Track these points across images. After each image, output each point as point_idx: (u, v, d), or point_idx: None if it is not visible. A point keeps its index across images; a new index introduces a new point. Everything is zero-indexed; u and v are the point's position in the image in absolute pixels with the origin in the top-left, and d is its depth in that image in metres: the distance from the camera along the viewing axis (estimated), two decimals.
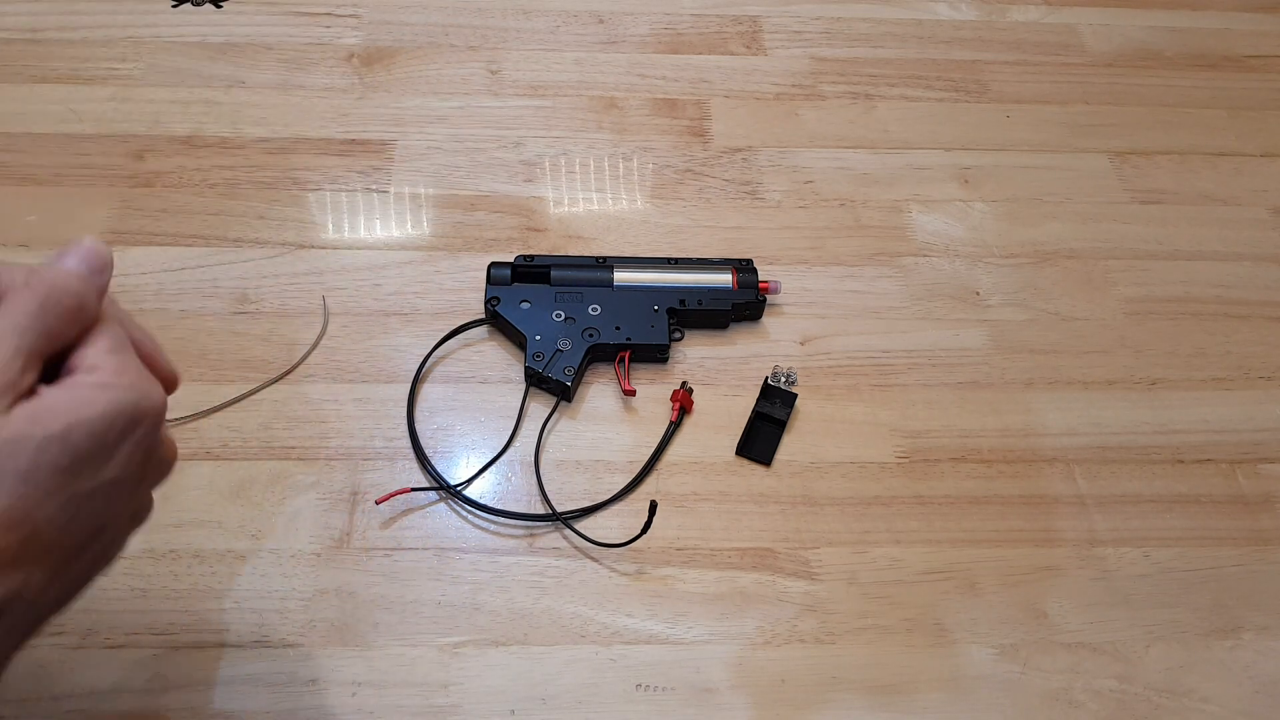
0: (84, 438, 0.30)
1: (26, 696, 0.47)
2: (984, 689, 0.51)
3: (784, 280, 0.64)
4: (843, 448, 0.59)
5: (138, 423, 0.32)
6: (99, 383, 0.31)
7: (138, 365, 0.34)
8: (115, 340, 0.34)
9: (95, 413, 0.30)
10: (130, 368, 0.33)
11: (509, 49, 0.78)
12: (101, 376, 0.32)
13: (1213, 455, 0.60)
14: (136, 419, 0.32)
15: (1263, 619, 0.54)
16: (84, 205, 0.66)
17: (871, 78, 0.78)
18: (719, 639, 0.51)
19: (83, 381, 0.31)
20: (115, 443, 0.31)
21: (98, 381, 0.31)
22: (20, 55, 0.73)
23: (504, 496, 0.56)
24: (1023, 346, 0.64)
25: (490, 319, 0.62)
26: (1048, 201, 0.72)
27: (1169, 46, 0.83)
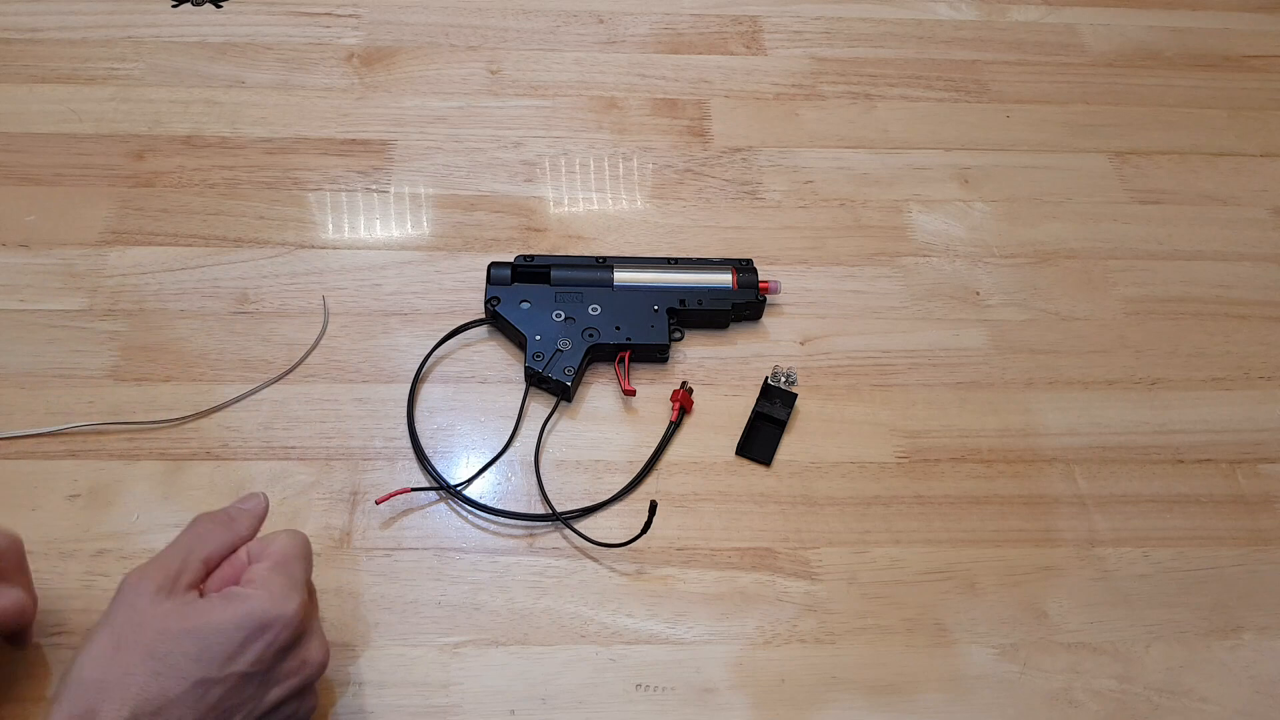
0: (214, 635, 0.39)
1: (26, 696, 0.47)
2: (984, 689, 0.51)
3: (784, 280, 0.64)
4: (843, 448, 0.59)
5: (267, 628, 0.39)
6: (240, 593, 0.40)
7: (284, 582, 0.41)
8: (274, 562, 0.42)
9: (227, 617, 0.39)
10: (274, 583, 0.41)
11: (509, 49, 0.78)
12: (246, 589, 0.40)
13: (1213, 455, 0.60)
14: (266, 625, 0.39)
15: (1263, 619, 0.54)
16: (84, 205, 0.66)
17: (871, 78, 0.78)
18: (719, 639, 0.51)
19: (231, 591, 0.41)
20: (245, 643, 0.39)
21: (239, 592, 0.40)
22: (20, 55, 0.73)
23: (504, 496, 0.56)
24: (1023, 346, 0.64)
25: (490, 319, 0.62)
26: (1048, 201, 0.72)
27: (1169, 46, 0.83)
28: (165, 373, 0.59)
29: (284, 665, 0.41)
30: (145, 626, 0.39)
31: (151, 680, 0.37)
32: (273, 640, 0.40)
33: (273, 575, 0.41)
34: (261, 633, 0.39)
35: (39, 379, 0.58)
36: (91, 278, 0.62)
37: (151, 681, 0.37)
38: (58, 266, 0.63)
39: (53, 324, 0.60)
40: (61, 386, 0.58)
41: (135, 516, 0.53)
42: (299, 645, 0.41)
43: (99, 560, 0.51)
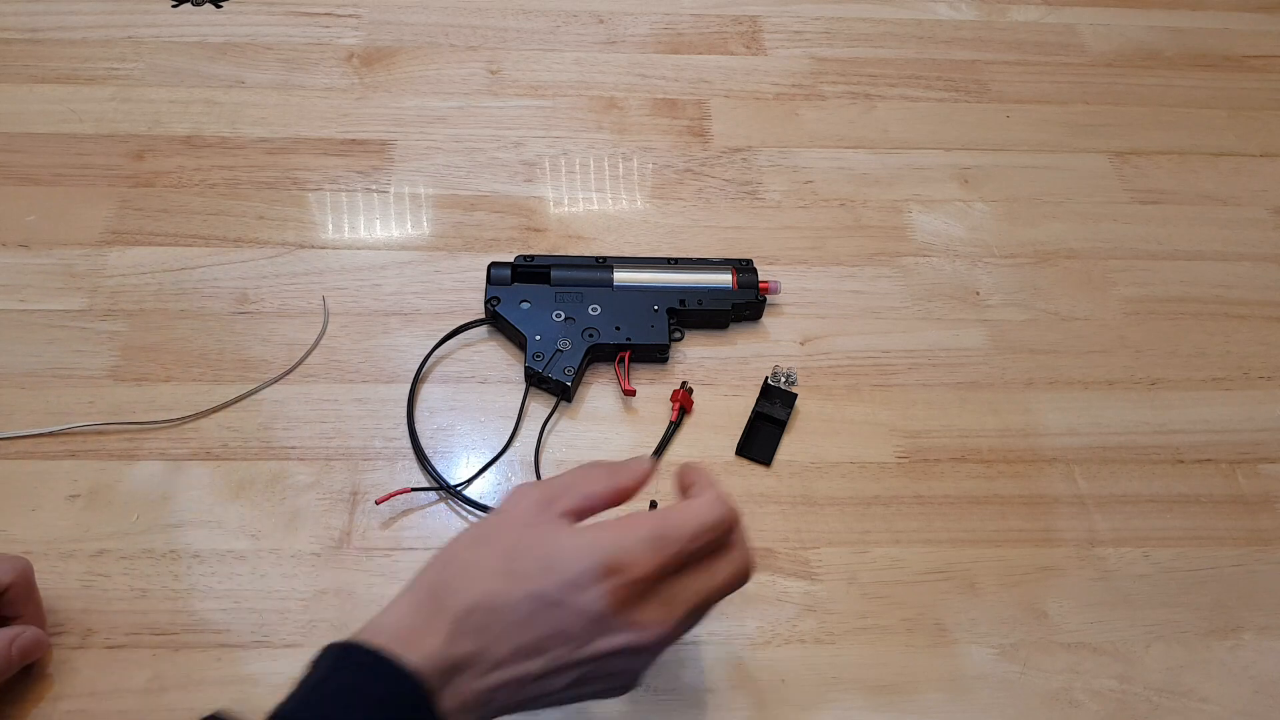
0: (565, 556, 0.37)
1: (26, 697, 0.47)
2: (984, 689, 0.51)
3: (784, 280, 0.64)
4: (843, 448, 0.59)
5: (617, 571, 0.37)
6: (606, 526, 0.38)
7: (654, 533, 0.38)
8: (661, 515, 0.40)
9: (583, 544, 0.38)
10: (643, 530, 0.38)
11: (509, 49, 0.78)
12: (614, 525, 0.38)
13: (1213, 455, 0.60)
14: (616, 567, 0.37)
15: (1263, 619, 0.54)
16: (84, 205, 0.66)
17: (871, 78, 0.78)
18: (719, 639, 0.51)
19: (601, 523, 0.39)
20: (591, 575, 0.37)
21: (606, 524, 0.39)
22: (20, 55, 0.73)
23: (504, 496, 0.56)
24: (1023, 346, 0.64)
25: (490, 319, 0.62)
26: (1048, 201, 0.72)
27: (1169, 46, 0.83)
28: (165, 373, 0.59)
29: (623, 617, 0.37)
30: (511, 529, 0.39)
31: (495, 578, 0.37)
32: (619, 585, 0.37)
33: (647, 523, 0.38)
34: (609, 574, 0.37)
35: (39, 379, 0.58)
36: (91, 278, 0.62)
37: (495, 579, 0.37)
38: (58, 266, 0.63)
39: (53, 324, 0.60)
40: (61, 386, 0.58)
41: (135, 516, 0.53)
42: (645, 604, 0.38)
43: (99, 560, 0.51)
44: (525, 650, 0.37)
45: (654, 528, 0.38)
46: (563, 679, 0.38)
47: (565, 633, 0.37)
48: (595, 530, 0.38)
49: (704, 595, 0.39)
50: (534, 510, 0.40)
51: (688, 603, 0.39)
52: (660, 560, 0.38)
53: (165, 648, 0.49)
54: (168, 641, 0.49)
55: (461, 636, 0.37)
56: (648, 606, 0.38)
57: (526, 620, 0.37)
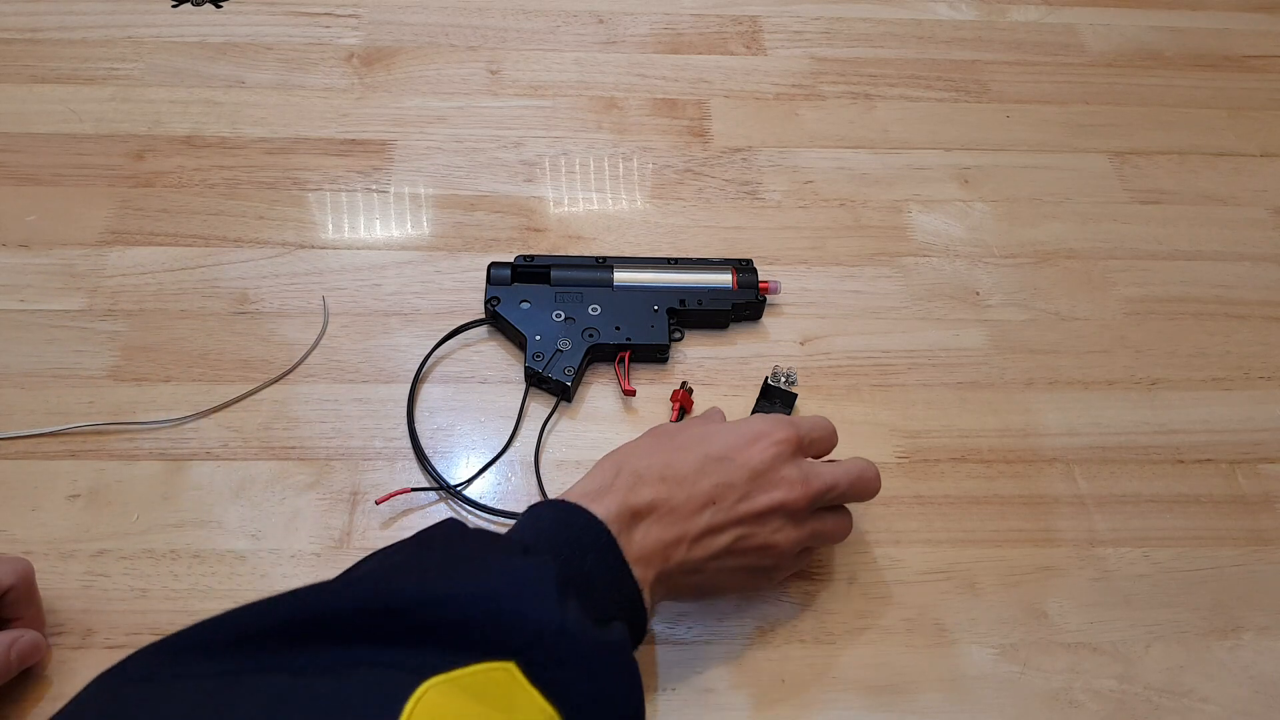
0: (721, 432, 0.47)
1: (27, 697, 0.47)
2: (984, 689, 0.51)
3: (784, 280, 0.64)
4: (843, 448, 0.58)
5: (763, 436, 0.47)
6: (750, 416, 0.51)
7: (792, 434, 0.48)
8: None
9: (731, 425, 0.49)
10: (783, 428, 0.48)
11: (509, 49, 0.78)
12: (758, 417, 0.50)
13: (1213, 455, 0.60)
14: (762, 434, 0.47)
15: (1263, 619, 0.54)
16: (84, 205, 0.66)
17: (871, 78, 0.78)
18: (719, 639, 0.51)
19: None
20: (747, 442, 0.47)
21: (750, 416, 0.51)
22: (20, 55, 0.73)
23: (504, 497, 0.56)
24: (1022, 346, 0.64)
25: (490, 319, 0.62)
26: (1048, 201, 0.72)
27: (1169, 46, 0.83)
28: (165, 373, 0.59)
29: (775, 473, 0.46)
30: (680, 428, 0.49)
31: (672, 451, 0.46)
32: (771, 444, 0.46)
33: (785, 418, 0.49)
34: (762, 437, 0.46)
35: (39, 379, 0.58)
36: (91, 278, 0.62)
37: (672, 452, 0.46)
38: (58, 266, 0.63)
39: (53, 324, 0.60)
40: (61, 386, 0.58)
41: (135, 516, 0.53)
42: (791, 464, 0.47)
43: (99, 560, 0.51)
44: (697, 500, 0.44)
45: (792, 420, 0.49)
46: (725, 538, 0.44)
47: (731, 484, 0.45)
48: (745, 419, 0.49)
49: (830, 485, 0.47)
50: (699, 419, 0.51)
51: (821, 480, 0.47)
52: (798, 435, 0.48)
53: None
54: None
55: (641, 487, 0.44)
56: (792, 466, 0.47)
57: (698, 473, 0.45)
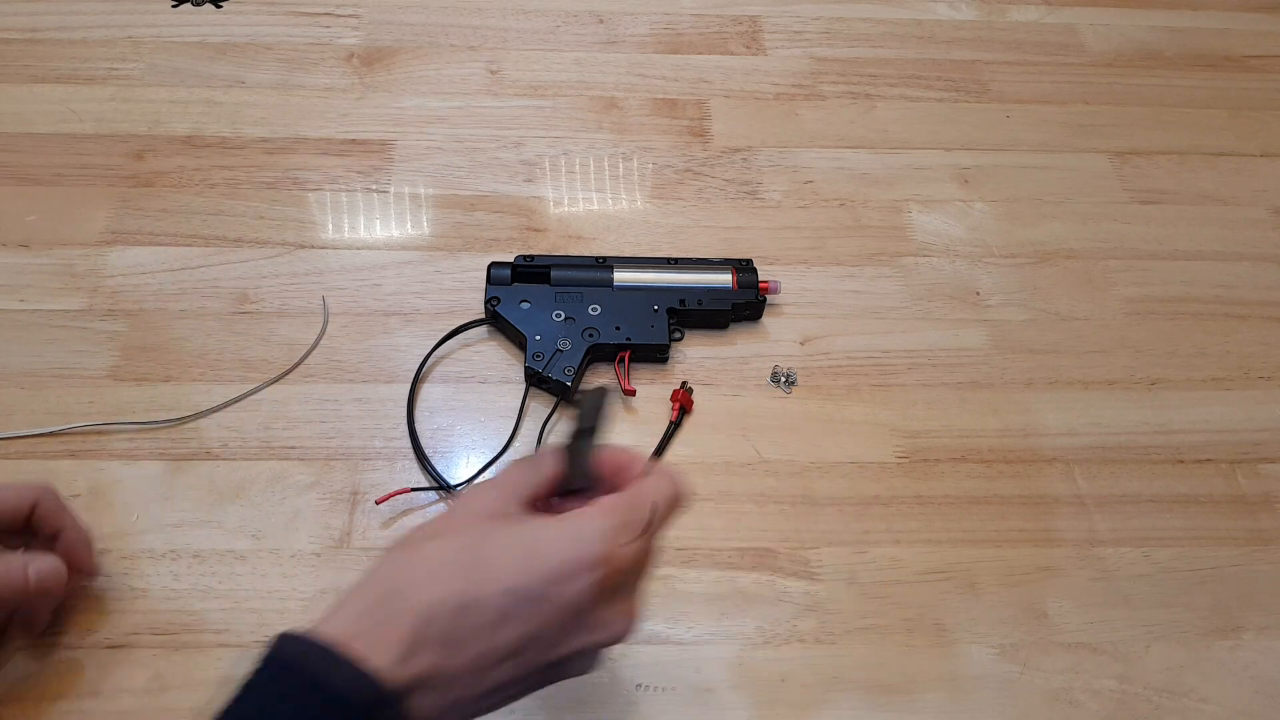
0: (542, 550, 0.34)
1: (26, 696, 0.47)
2: (984, 689, 0.51)
3: (784, 280, 0.64)
4: (843, 448, 0.59)
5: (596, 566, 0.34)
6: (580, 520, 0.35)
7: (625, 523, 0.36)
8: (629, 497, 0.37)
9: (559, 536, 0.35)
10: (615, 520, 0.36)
11: (509, 49, 0.78)
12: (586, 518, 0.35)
13: (1213, 455, 0.60)
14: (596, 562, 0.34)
15: (1263, 619, 0.54)
16: (84, 205, 0.66)
17: (871, 78, 0.78)
18: (719, 639, 0.51)
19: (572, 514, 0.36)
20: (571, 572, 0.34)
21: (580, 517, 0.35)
22: (20, 55, 0.73)
23: None
24: (1023, 346, 0.64)
25: (490, 319, 0.62)
26: (1048, 201, 0.72)
27: (1169, 46, 0.83)
28: (165, 373, 0.59)
29: (598, 614, 0.35)
30: (476, 521, 0.35)
31: (462, 575, 0.33)
32: (608, 574, 0.35)
33: (616, 511, 0.36)
34: (599, 564, 0.34)
35: (39, 379, 0.58)
36: (91, 278, 0.62)
37: (462, 577, 0.33)
38: (58, 266, 0.63)
39: (53, 324, 0.60)
40: (61, 386, 0.58)
41: (135, 516, 0.53)
42: (621, 596, 0.36)
43: (99, 560, 0.51)
44: (493, 656, 0.34)
45: (631, 516, 0.36)
46: (525, 685, 0.36)
47: (542, 632, 0.34)
48: (575, 517, 0.35)
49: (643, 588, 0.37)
50: (497, 501, 0.36)
51: (639, 601, 0.37)
52: (640, 545, 0.36)
53: (165, 648, 0.49)
54: (168, 641, 0.49)
55: (420, 649, 0.32)
56: (622, 599, 0.36)
57: (499, 620, 0.33)
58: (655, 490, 0.37)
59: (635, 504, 0.36)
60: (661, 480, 0.38)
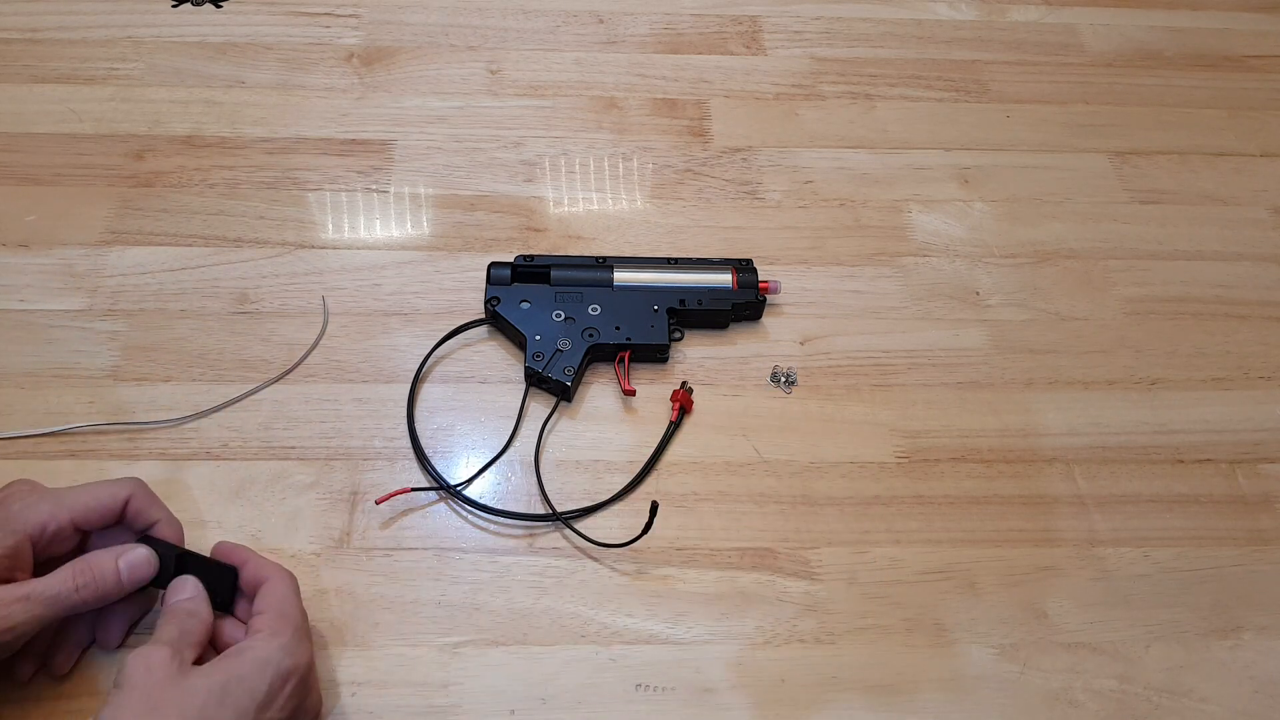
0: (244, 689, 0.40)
1: (27, 696, 0.47)
2: (984, 689, 0.51)
3: (784, 280, 0.64)
4: (843, 448, 0.59)
5: (289, 676, 0.42)
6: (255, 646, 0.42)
7: (294, 630, 0.43)
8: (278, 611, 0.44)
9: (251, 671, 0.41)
10: (286, 632, 0.43)
11: (509, 49, 0.78)
12: (259, 641, 0.42)
13: (1213, 455, 0.60)
14: (288, 673, 0.42)
15: (1263, 619, 0.54)
16: (84, 205, 0.66)
17: (871, 78, 0.78)
18: (719, 639, 0.51)
19: (245, 646, 0.42)
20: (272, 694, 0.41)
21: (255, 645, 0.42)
22: (20, 55, 0.73)
23: (504, 496, 0.56)
24: (1023, 346, 0.64)
25: (490, 319, 0.62)
26: (1048, 201, 0.72)
27: (1169, 46, 0.83)
28: (165, 373, 0.59)
29: (300, 709, 0.43)
30: (160, 690, 0.39)
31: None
32: (295, 688, 0.42)
33: (282, 624, 0.43)
34: (284, 681, 0.41)
35: (39, 379, 0.58)
36: (91, 278, 0.62)
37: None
38: (58, 266, 0.63)
39: (53, 324, 0.60)
40: (61, 386, 0.58)
41: None
42: (310, 689, 0.44)
43: None
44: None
45: (294, 622, 0.44)
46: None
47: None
48: (249, 654, 0.42)
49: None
50: (168, 666, 0.40)
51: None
52: (310, 644, 0.44)
53: None
54: None
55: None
56: (314, 685, 0.45)
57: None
58: (288, 591, 0.45)
59: (288, 614, 0.44)
60: (286, 581, 0.45)
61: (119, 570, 0.44)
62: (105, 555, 0.44)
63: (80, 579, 0.43)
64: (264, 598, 0.44)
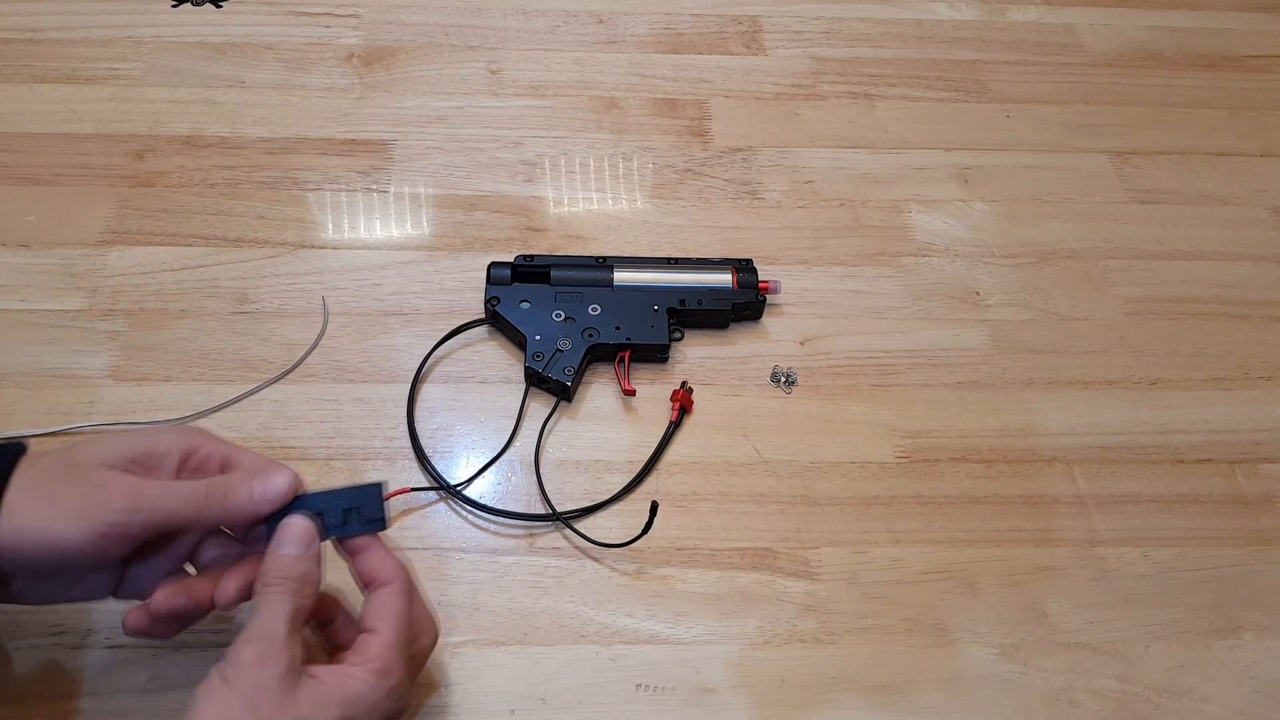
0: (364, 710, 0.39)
1: (26, 696, 0.47)
2: (984, 689, 0.51)
3: (784, 280, 0.64)
4: (843, 447, 0.59)
5: (390, 709, 0.40)
6: (372, 674, 0.39)
7: (406, 668, 0.41)
8: (397, 638, 0.41)
9: (365, 706, 0.39)
10: (399, 667, 0.40)
11: (509, 49, 0.78)
12: (374, 666, 0.40)
13: (1213, 455, 0.60)
14: (390, 706, 0.40)
15: (1263, 619, 0.54)
16: (84, 205, 0.66)
17: (871, 78, 0.78)
18: (719, 639, 0.51)
19: (356, 674, 0.39)
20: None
21: (372, 671, 0.39)
22: (20, 55, 0.73)
23: (504, 496, 0.56)
24: (1023, 346, 0.64)
25: (490, 319, 0.62)
26: (1048, 201, 0.72)
27: (1169, 46, 0.83)
28: (165, 373, 0.59)
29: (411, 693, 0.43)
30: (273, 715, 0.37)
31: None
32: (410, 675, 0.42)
33: (395, 660, 0.40)
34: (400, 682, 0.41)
35: (39, 379, 0.58)
36: (91, 278, 0.62)
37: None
38: (58, 266, 0.63)
39: (53, 324, 0.60)
40: (61, 386, 0.57)
41: None
42: (412, 680, 0.43)
43: None
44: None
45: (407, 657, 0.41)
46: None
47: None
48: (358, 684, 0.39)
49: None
50: (283, 679, 0.38)
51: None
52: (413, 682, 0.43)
53: (165, 648, 0.49)
54: (168, 641, 0.49)
55: None
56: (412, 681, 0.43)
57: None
58: (404, 605, 0.42)
59: (406, 642, 0.42)
60: (402, 583, 0.43)
61: (251, 489, 0.41)
62: (239, 474, 0.42)
63: (213, 487, 0.41)
64: (378, 611, 0.42)
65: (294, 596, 0.40)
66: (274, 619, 0.39)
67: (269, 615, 0.39)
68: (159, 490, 0.40)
